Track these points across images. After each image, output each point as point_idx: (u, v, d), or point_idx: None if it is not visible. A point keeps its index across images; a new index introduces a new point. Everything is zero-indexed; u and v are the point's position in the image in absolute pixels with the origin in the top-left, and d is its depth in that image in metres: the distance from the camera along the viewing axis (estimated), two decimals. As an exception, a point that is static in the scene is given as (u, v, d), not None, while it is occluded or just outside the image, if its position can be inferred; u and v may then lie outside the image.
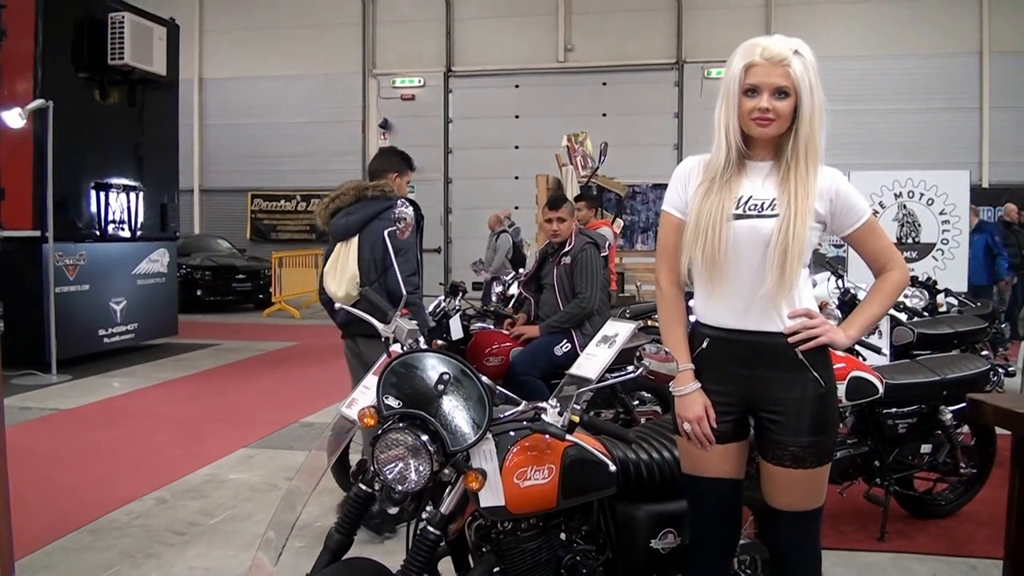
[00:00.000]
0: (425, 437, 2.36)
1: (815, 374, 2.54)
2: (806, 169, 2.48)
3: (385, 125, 21.46)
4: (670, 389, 2.66)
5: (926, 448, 4.85)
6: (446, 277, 20.90)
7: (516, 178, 20.08)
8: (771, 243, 2.46)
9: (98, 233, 10.82)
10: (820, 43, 2.31)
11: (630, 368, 2.70)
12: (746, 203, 2.53)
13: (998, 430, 5.15)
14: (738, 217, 2.51)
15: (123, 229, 11.27)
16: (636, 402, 5.82)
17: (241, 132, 21.54)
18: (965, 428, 5.09)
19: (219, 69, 21.65)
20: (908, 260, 11.63)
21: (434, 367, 2.52)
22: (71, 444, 6.83)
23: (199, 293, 16.85)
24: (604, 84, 20.48)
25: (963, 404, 4.79)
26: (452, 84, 21.36)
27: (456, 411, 2.44)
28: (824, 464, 2.58)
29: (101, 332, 10.82)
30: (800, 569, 2.67)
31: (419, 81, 21.40)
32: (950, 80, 17.94)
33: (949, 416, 4.83)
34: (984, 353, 6.70)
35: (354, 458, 5.29)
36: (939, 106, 17.44)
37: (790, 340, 2.51)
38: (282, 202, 21.79)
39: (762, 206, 2.51)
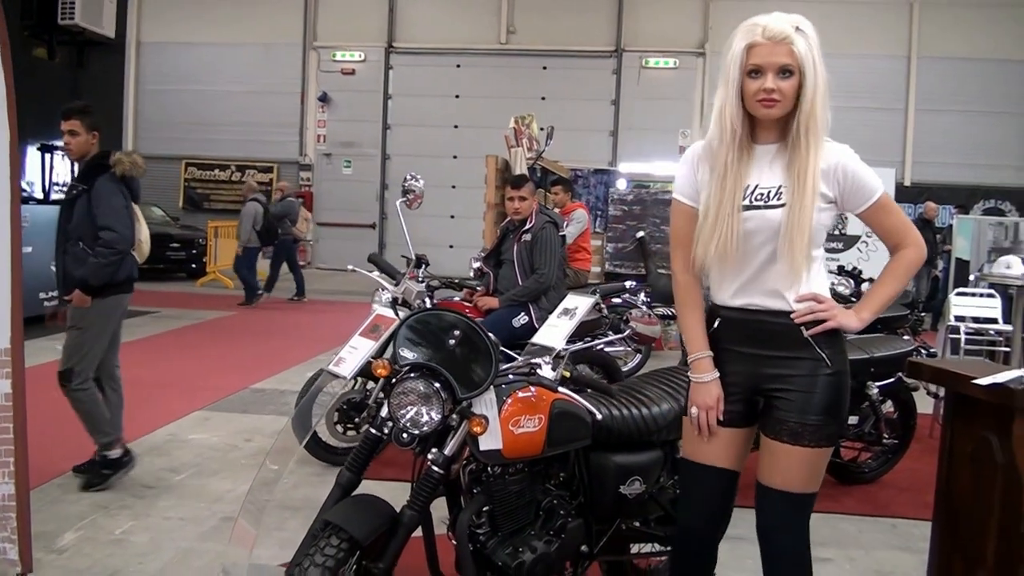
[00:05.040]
0: (437, 385, 2.64)
1: (822, 353, 2.51)
2: (807, 149, 2.43)
3: (324, 99, 21.44)
4: (688, 375, 2.67)
5: (853, 420, 5.27)
6: (381, 252, 21.01)
7: (455, 157, 20.30)
8: (782, 232, 2.44)
9: (42, 195, 10.77)
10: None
11: (609, 333, 2.97)
12: (753, 192, 2.50)
13: (918, 408, 5.63)
14: (747, 208, 2.48)
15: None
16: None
17: (177, 98, 21.29)
18: (889, 403, 5.53)
19: (157, 33, 21.35)
20: (834, 251, 12.19)
21: (447, 323, 2.79)
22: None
23: (133, 260, 16.69)
24: (544, 68, 20.75)
25: (889, 380, 5.26)
26: (393, 60, 21.42)
27: (465, 363, 2.72)
28: (823, 447, 2.52)
29: (41, 295, 10.76)
30: (784, 552, 2.57)
31: (360, 56, 21.41)
32: (879, 81, 18.67)
33: (875, 391, 5.25)
34: (905, 337, 7.18)
35: (321, 430, 5.49)
36: (867, 106, 18.11)
37: (797, 322, 2.50)
38: (216, 171, 21.65)
39: (768, 195, 2.49)
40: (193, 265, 17.41)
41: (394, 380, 2.70)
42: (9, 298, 2.90)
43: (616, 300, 7.33)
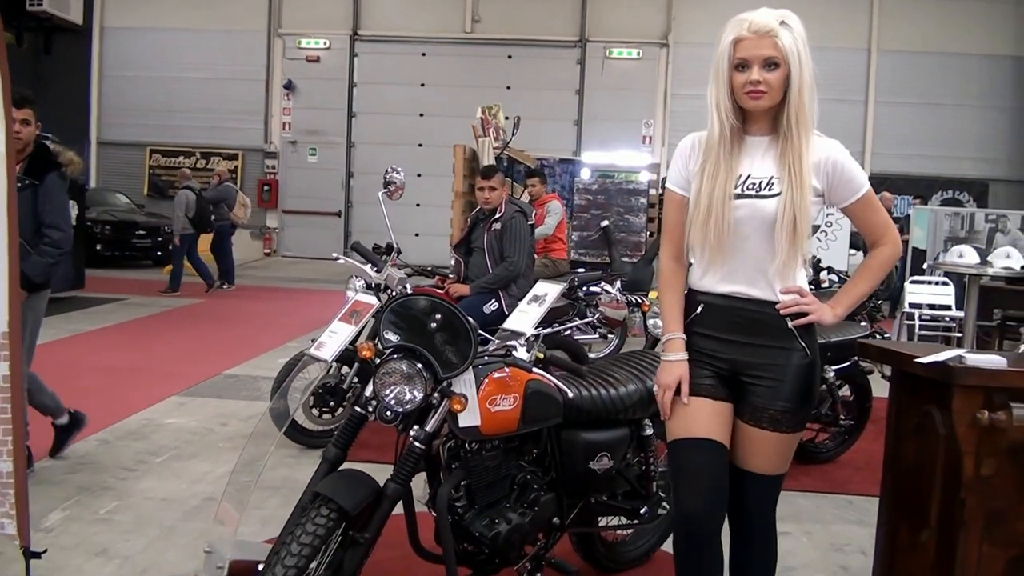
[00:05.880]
0: (420, 366, 2.80)
1: (802, 343, 2.59)
2: (798, 140, 2.50)
3: (289, 86, 21.43)
4: (660, 352, 2.75)
5: (811, 401, 5.49)
6: (346, 240, 21.11)
7: (420, 145, 20.40)
8: (778, 221, 2.49)
9: (9, 183, 10.76)
10: (714, 30, 2.58)
11: (576, 319, 3.13)
12: (745, 182, 2.55)
13: (874, 392, 5.87)
14: (738, 197, 2.54)
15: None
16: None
17: (141, 85, 21.17)
18: (846, 387, 5.77)
19: (120, 18, 21.20)
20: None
21: (428, 308, 2.95)
22: (-1, 388, 6.95)
23: (98, 248, 16.61)
24: (509, 57, 20.90)
25: (845, 364, 5.48)
26: (358, 48, 21.46)
27: (445, 345, 2.88)
28: (797, 432, 2.65)
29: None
30: (762, 533, 2.73)
31: (325, 43, 21.43)
32: (840, 74, 18.99)
33: (832, 374, 5.47)
34: (863, 324, 7.44)
35: (297, 413, 5.63)
36: (828, 97, 18.14)
37: (782, 313, 2.56)
38: (181, 158, 21.54)
39: (760, 185, 2.54)
40: (159, 252, 17.35)
41: (379, 361, 2.86)
42: (7, 284, 3.00)
43: (594, 288, 7.48)
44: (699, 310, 2.67)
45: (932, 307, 8.55)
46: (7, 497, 3.05)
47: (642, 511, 3.69)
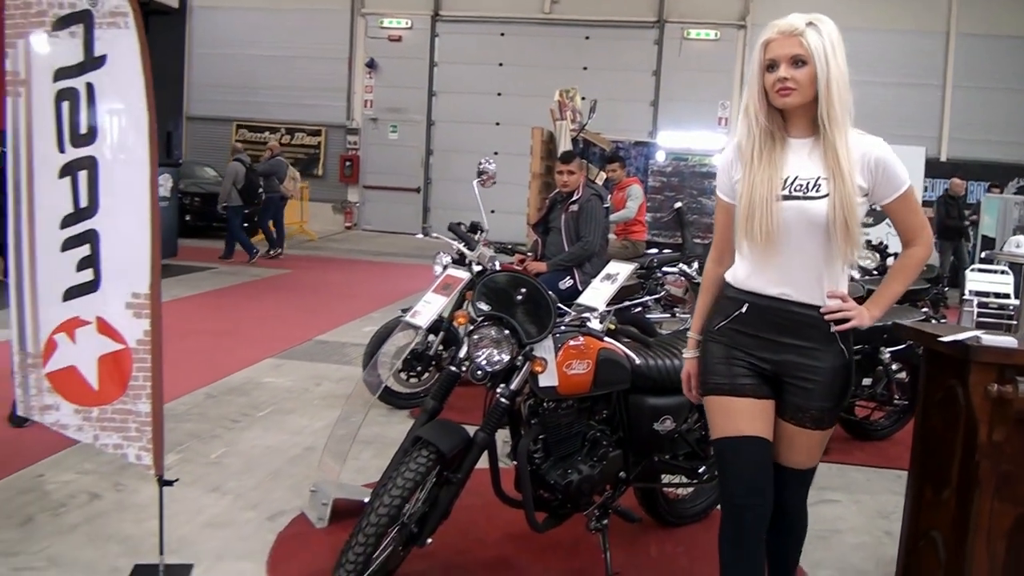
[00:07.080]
0: (507, 332, 3.25)
1: (842, 346, 2.67)
2: (835, 138, 2.55)
3: (372, 65, 21.95)
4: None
5: (867, 381, 5.80)
6: (424, 216, 21.66)
7: (497, 124, 20.78)
8: (831, 223, 2.54)
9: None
10: (792, 12, 2.63)
11: (643, 294, 3.51)
12: (792, 183, 2.60)
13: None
14: (786, 198, 2.59)
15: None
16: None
17: (228, 62, 21.88)
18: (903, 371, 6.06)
19: (209, -2, 21.94)
20: (865, 225, 12.61)
21: (514, 283, 3.40)
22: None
23: (187, 219, 17.33)
24: (587, 38, 21.09)
25: (900, 346, 5.77)
26: (439, 28, 21.84)
27: (529, 315, 3.33)
28: (834, 426, 2.78)
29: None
30: (798, 517, 2.88)
31: (407, 23, 21.84)
32: (917, 57, 18.85)
33: (888, 356, 5.77)
34: (924, 310, 7.67)
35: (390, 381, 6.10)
36: (905, 81, 18.32)
37: (827, 318, 2.62)
38: (266, 133, 22.18)
39: (807, 186, 2.58)
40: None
41: (471, 328, 3.31)
42: (149, 248, 3.43)
43: (672, 269, 7.77)
44: (744, 310, 2.71)
45: (998, 295, 8.72)
46: (145, 434, 3.54)
47: (701, 471, 4.09)
